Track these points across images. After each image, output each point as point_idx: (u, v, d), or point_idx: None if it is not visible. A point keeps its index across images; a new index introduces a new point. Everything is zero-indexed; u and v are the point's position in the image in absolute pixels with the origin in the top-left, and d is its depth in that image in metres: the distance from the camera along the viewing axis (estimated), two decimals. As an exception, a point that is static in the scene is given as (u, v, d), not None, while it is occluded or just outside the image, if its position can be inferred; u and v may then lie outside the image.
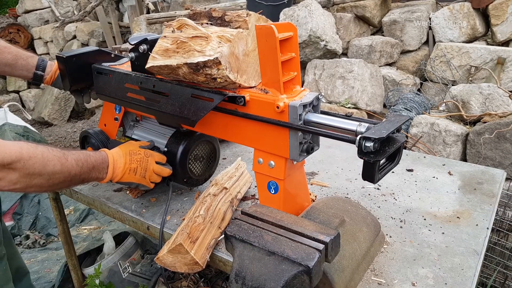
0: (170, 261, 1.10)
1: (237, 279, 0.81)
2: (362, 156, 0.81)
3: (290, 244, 0.81)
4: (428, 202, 1.33)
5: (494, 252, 2.01)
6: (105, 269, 1.93)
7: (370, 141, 0.78)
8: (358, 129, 0.87)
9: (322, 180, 1.50)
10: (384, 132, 0.79)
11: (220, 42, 0.95)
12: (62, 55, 1.36)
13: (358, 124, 0.88)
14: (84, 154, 1.09)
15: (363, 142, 0.79)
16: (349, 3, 4.25)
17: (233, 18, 1.06)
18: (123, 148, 1.21)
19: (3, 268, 1.15)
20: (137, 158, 1.19)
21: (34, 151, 0.94)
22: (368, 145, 0.79)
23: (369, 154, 0.80)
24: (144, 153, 1.21)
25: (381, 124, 0.84)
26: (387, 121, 0.86)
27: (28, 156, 0.91)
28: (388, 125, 0.83)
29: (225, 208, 1.22)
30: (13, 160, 0.88)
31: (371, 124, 0.87)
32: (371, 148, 0.79)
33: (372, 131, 0.81)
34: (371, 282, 1.01)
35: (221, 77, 0.97)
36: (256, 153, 1.06)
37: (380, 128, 0.82)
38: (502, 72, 3.48)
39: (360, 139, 0.80)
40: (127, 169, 1.17)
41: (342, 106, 3.58)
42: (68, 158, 1.02)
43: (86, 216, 3.08)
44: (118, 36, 6.48)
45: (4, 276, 1.15)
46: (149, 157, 1.21)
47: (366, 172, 0.83)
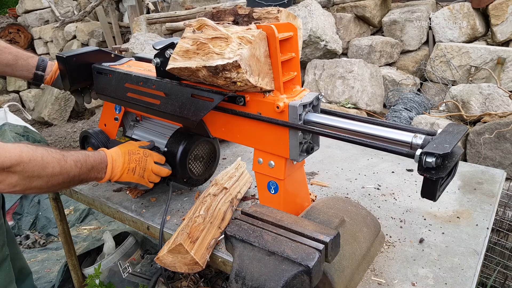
0: (170, 261, 1.10)
1: (237, 279, 0.81)
2: (423, 173, 0.75)
3: (290, 244, 0.81)
4: (428, 202, 1.33)
5: (494, 252, 2.01)
6: (105, 269, 1.93)
7: (433, 156, 0.72)
8: (414, 141, 0.80)
9: (322, 180, 1.50)
10: (448, 147, 0.73)
11: (241, 44, 0.90)
12: (62, 55, 1.36)
13: (413, 136, 0.81)
14: (83, 154, 1.09)
15: (424, 158, 0.73)
16: (349, 3, 4.25)
17: (262, 15, 1.02)
18: (122, 147, 1.20)
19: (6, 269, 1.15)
20: (135, 158, 1.18)
21: (34, 153, 0.94)
22: (430, 161, 0.73)
23: (430, 170, 0.74)
24: (143, 153, 1.21)
25: (440, 137, 0.78)
26: (445, 133, 0.79)
27: (28, 159, 0.92)
28: (448, 138, 0.77)
29: (225, 208, 1.22)
30: (13, 164, 0.89)
31: (427, 136, 0.80)
32: (433, 164, 0.73)
33: (433, 144, 0.75)
34: (371, 282, 1.01)
35: (241, 80, 0.92)
36: (256, 153, 1.06)
37: (441, 142, 0.75)
38: (502, 72, 3.48)
39: (421, 154, 0.74)
40: (125, 168, 1.17)
41: (342, 106, 3.59)
42: (67, 159, 1.02)
43: (86, 216, 3.08)
44: (118, 36, 6.48)
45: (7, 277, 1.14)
46: (148, 157, 1.21)
47: (427, 189, 0.77)
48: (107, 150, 1.18)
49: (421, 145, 0.79)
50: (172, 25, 5.13)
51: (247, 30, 0.92)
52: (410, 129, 0.85)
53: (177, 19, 5.13)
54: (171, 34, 5.16)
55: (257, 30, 0.91)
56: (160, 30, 5.32)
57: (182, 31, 5.08)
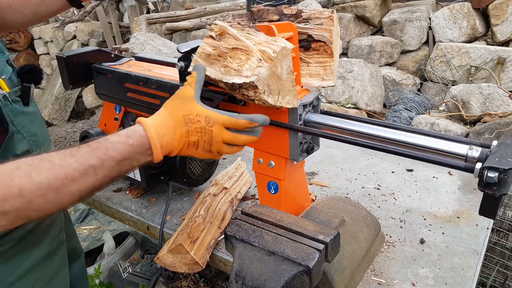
0: (170, 261, 1.10)
1: (237, 279, 0.81)
2: (484, 189, 0.69)
3: (290, 244, 0.81)
4: (428, 202, 1.33)
5: (494, 252, 2.01)
6: (105, 269, 1.93)
7: (496, 171, 0.67)
8: (470, 154, 0.75)
9: (322, 180, 1.49)
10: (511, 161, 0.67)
11: (261, 61, 0.82)
12: (62, 55, 1.36)
13: (468, 148, 0.75)
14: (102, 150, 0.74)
15: (486, 172, 0.68)
16: (349, 3, 4.25)
17: (313, 15, 0.97)
18: (173, 112, 0.83)
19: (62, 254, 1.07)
20: (196, 129, 0.83)
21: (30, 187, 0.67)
22: (492, 176, 0.67)
23: (491, 186, 0.68)
24: (205, 121, 0.83)
25: (501, 149, 0.72)
26: (504, 145, 0.73)
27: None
28: (509, 150, 0.71)
29: (225, 208, 1.22)
30: None
31: (484, 148, 0.75)
32: (495, 180, 0.67)
33: (495, 158, 0.69)
34: (371, 282, 1.01)
35: (258, 99, 0.85)
36: (256, 153, 1.06)
37: (503, 155, 0.70)
38: (502, 72, 3.48)
39: (482, 169, 0.68)
40: (183, 144, 0.84)
41: (342, 106, 3.59)
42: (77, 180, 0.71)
43: (86, 216, 3.08)
44: (118, 36, 6.48)
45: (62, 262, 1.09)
46: (213, 126, 0.83)
47: (487, 207, 0.71)
48: (148, 123, 0.80)
49: (478, 158, 0.74)
50: (172, 25, 5.13)
51: (271, 42, 0.85)
52: (464, 141, 0.79)
53: (177, 19, 5.13)
54: (171, 34, 5.17)
55: (282, 44, 0.84)
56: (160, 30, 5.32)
57: (182, 31, 5.09)
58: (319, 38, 0.96)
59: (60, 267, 1.09)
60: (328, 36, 0.95)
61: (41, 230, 1.02)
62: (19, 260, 0.96)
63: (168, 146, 0.81)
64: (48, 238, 1.04)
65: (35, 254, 1.00)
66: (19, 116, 0.95)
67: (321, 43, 0.97)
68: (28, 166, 0.68)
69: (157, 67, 1.32)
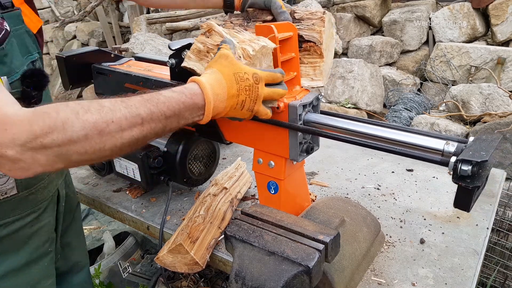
0: (170, 261, 1.10)
1: (237, 279, 0.81)
2: (458, 181, 0.72)
3: (290, 244, 0.81)
4: (428, 202, 1.33)
5: (494, 252, 2.01)
6: (105, 269, 1.93)
7: (469, 164, 0.69)
8: (446, 149, 0.77)
9: (322, 180, 1.49)
10: (485, 154, 0.70)
11: (240, 58, 0.84)
12: (62, 55, 1.36)
13: (445, 143, 0.78)
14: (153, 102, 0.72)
15: (460, 165, 0.70)
16: (349, 3, 4.25)
17: (305, 15, 0.99)
18: (224, 71, 0.81)
19: (45, 265, 1.07)
20: (245, 86, 0.81)
21: None
22: (466, 169, 0.70)
23: (465, 179, 0.71)
24: (253, 78, 0.81)
25: (475, 144, 0.75)
26: (479, 140, 0.76)
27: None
28: (483, 145, 0.73)
29: (225, 208, 1.22)
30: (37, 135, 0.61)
31: (460, 143, 0.78)
32: (469, 173, 0.70)
33: (469, 152, 0.71)
34: (371, 282, 1.01)
35: None
36: (256, 153, 1.06)
37: (477, 149, 0.72)
38: (502, 72, 3.48)
39: (456, 161, 0.71)
40: (233, 104, 0.82)
41: (342, 106, 3.59)
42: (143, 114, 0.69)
43: (86, 216, 3.08)
44: (118, 36, 6.48)
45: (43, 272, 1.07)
46: (259, 83, 0.82)
47: (461, 199, 0.74)
48: (204, 81, 0.78)
49: (454, 152, 0.76)
50: (172, 25, 5.14)
51: (253, 41, 0.87)
52: (441, 137, 0.82)
53: (177, 19, 5.13)
54: (171, 34, 5.17)
55: (262, 42, 0.86)
56: (160, 30, 5.33)
57: (182, 31, 5.09)
58: (309, 39, 0.97)
59: (41, 278, 1.06)
60: (318, 37, 0.96)
61: (20, 238, 1.00)
62: None
63: (220, 107, 0.80)
64: (28, 247, 1.02)
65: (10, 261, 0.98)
66: None
67: (311, 43, 0.98)
68: (77, 105, 0.65)
69: (157, 67, 1.32)
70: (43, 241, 1.07)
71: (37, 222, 1.04)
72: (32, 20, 0.96)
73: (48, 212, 1.08)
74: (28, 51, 0.95)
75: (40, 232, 1.06)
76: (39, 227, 1.05)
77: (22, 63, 0.93)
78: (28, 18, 0.94)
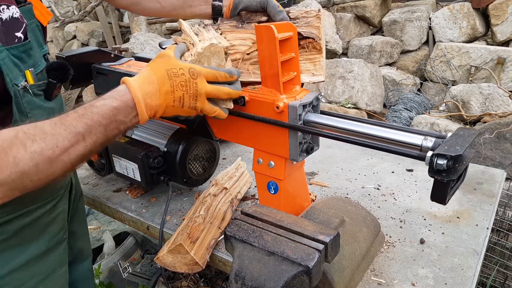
0: (170, 261, 1.10)
1: (237, 279, 0.81)
2: (434, 175, 0.74)
3: (290, 244, 0.81)
4: (428, 202, 1.33)
5: (494, 252, 2.01)
6: (105, 269, 1.93)
7: (444, 158, 0.71)
8: (424, 144, 0.79)
9: (322, 180, 1.50)
10: (459, 149, 0.72)
11: (191, 55, 0.87)
12: (62, 55, 1.36)
13: (423, 138, 0.80)
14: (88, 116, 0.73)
15: (436, 160, 0.72)
16: (349, 3, 4.25)
17: (300, 14, 1.01)
18: (156, 66, 0.81)
19: (60, 252, 1.08)
20: (181, 82, 0.80)
21: None
22: (441, 163, 0.72)
23: (441, 172, 0.73)
24: (189, 73, 0.80)
25: (451, 139, 0.77)
26: (456, 136, 0.78)
27: None
28: (459, 140, 0.76)
29: (225, 208, 1.22)
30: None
31: (437, 139, 0.80)
32: (444, 166, 0.72)
33: (445, 147, 0.74)
34: (371, 282, 1.01)
35: None
36: (256, 153, 1.06)
37: (452, 144, 0.74)
38: (502, 72, 3.48)
39: (432, 156, 0.73)
40: (169, 101, 0.80)
41: (342, 106, 3.59)
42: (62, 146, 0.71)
43: (86, 216, 3.08)
44: (118, 36, 6.48)
45: (59, 260, 1.08)
46: (197, 78, 0.81)
47: (437, 192, 0.75)
48: (131, 80, 0.78)
49: (431, 147, 0.78)
50: (172, 25, 5.14)
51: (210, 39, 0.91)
52: (420, 132, 0.84)
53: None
54: (171, 34, 5.16)
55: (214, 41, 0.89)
56: (160, 30, 5.33)
57: (182, 31, 5.09)
58: (307, 35, 0.99)
59: (57, 265, 1.07)
60: (317, 33, 0.99)
61: (40, 226, 1.00)
62: (12, 255, 0.95)
63: (153, 104, 0.79)
64: (46, 235, 1.02)
65: (31, 250, 0.98)
66: (36, 109, 0.93)
67: (310, 39, 1.00)
68: (24, 135, 0.68)
69: (157, 67, 1.32)
70: (59, 229, 1.08)
71: (55, 210, 1.05)
72: (42, 13, 0.97)
73: (63, 200, 1.09)
74: (40, 45, 0.97)
75: (57, 220, 1.07)
76: (56, 214, 1.06)
77: (40, 56, 0.95)
78: (38, 11, 0.95)
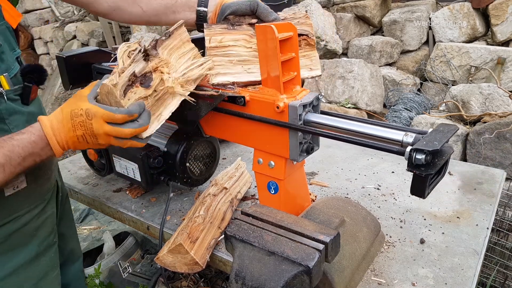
0: (170, 261, 1.10)
1: (237, 279, 0.81)
2: (412, 169, 0.76)
3: (290, 244, 0.81)
4: (428, 202, 1.33)
5: (494, 252, 2.01)
6: (105, 269, 1.93)
7: (422, 153, 0.74)
8: (405, 140, 0.82)
9: (322, 180, 1.49)
10: (437, 144, 0.74)
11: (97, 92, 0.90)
12: (62, 55, 1.36)
13: (404, 134, 0.83)
14: (8, 148, 0.80)
15: (414, 154, 0.74)
16: (349, 3, 4.25)
17: (289, 16, 1.05)
18: (66, 107, 0.86)
19: (51, 255, 1.08)
20: (79, 122, 0.84)
21: None
22: (420, 158, 0.74)
23: (419, 167, 0.75)
24: (85, 114, 0.83)
25: (431, 135, 0.79)
26: (435, 132, 0.81)
27: None
28: (438, 136, 0.78)
29: (225, 208, 1.22)
30: None
31: (418, 134, 0.82)
32: (423, 161, 0.74)
33: (423, 142, 0.76)
34: (371, 282, 1.01)
35: None
36: (256, 153, 1.06)
37: (431, 139, 0.77)
38: (502, 72, 3.48)
39: (411, 151, 0.75)
40: (72, 137, 0.85)
41: (342, 106, 3.59)
42: None
43: (86, 216, 3.08)
44: (118, 36, 6.48)
45: (50, 263, 1.08)
46: (93, 119, 0.83)
47: (416, 186, 0.77)
48: (44, 119, 0.85)
49: (411, 143, 0.81)
50: (172, 25, 5.11)
51: (122, 74, 0.88)
52: (402, 128, 0.86)
53: (177, 19, 5.12)
54: (171, 34, 5.15)
55: (105, 80, 0.87)
56: (160, 30, 5.33)
57: (182, 31, 5.09)
58: (301, 32, 1.04)
59: (49, 269, 1.07)
60: (310, 29, 1.05)
61: (29, 231, 1.01)
62: (3, 261, 0.95)
63: (61, 139, 0.85)
64: (36, 240, 1.02)
65: (21, 255, 0.99)
66: (14, 115, 0.93)
67: (303, 36, 1.05)
68: None
69: (157, 67, 1.32)
70: (49, 232, 1.08)
71: (43, 214, 1.05)
72: (12, 15, 0.96)
73: (51, 204, 1.10)
74: (12, 48, 0.96)
75: (46, 223, 1.07)
76: (45, 218, 1.06)
77: (13, 59, 0.94)
78: (7, 13, 0.94)
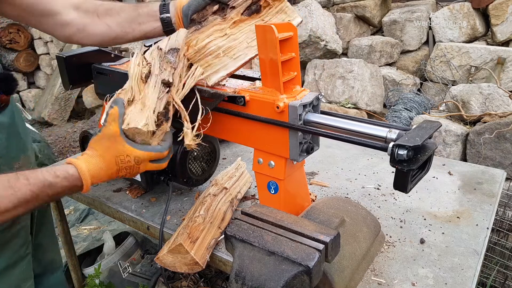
0: (170, 261, 1.10)
1: (237, 279, 0.81)
2: (395, 165, 0.78)
3: (290, 244, 0.81)
4: (428, 202, 1.33)
5: (494, 252, 2.01)
6: (105, 269, 1.93)
7: (404, 149, 0.75)
8: (389, 136, 0.83)
9: (322, 180, 1.49)
10: (419, 140, 0.76)
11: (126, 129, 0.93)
12: (62, 55, 1.36)
13: (388, 131, 0.84)
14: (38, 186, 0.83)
15: (396, 150, 0.76)
16: (349, 3, 4.25)
17: None
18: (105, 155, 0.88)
19: (23, 268, 1.08)
20: (126, 167, 0.90)
21: None
22: (402, 153, 0.76)
23: (402, 162, 0.77)
24: (135, 161, 0.90)
25: (413, 131, 0.81)
26: (419, 128, 0.82)
27: None
28: (421, 132, 0.80)
29: (225, 208, 1.22)
30: None
31: (401, 131, 0.83)
32: (405, 157, 0.76)
33: (406, 138, 0.77)
34: (371, 282, 1.01)
35: None
36: (256, 153, 1.06)
37: (413, 135, 0.78)
38: (502, 72, 3.48)
39: (393, 146, 0.77)
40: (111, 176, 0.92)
41: (342, 106, 3.59)
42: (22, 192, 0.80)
43: (86, 216, 3.08)
44: (118, 36, 6.47)
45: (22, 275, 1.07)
46: (141, 165, 0.92)
47: (398, 181, 0.80)
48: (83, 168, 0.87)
49: (394, 139, 0.82)
50: (172, 25, 5.11)
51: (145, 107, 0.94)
52: (386, 125, 0.88)
53: (177, 19, 5.12)
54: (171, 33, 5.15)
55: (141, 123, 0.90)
56: (160, 30, 5.32)
57: (182, 31, 5.09)
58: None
59: (20, 281, 1.06)
60: None
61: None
62: None
63: (98, 182, 0.90)
64: (6, 252, 1.01)
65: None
66: None
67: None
68: None
69: (157, 67, 1.32)
70: (20, 244, 1.06)
71: (14, 226, 1.04)
72: None
73: (24, 216, 1.06)
74: None
75: (18, 235, 1.05)
76: (17, 231, 1.04)
77: None
78: None
